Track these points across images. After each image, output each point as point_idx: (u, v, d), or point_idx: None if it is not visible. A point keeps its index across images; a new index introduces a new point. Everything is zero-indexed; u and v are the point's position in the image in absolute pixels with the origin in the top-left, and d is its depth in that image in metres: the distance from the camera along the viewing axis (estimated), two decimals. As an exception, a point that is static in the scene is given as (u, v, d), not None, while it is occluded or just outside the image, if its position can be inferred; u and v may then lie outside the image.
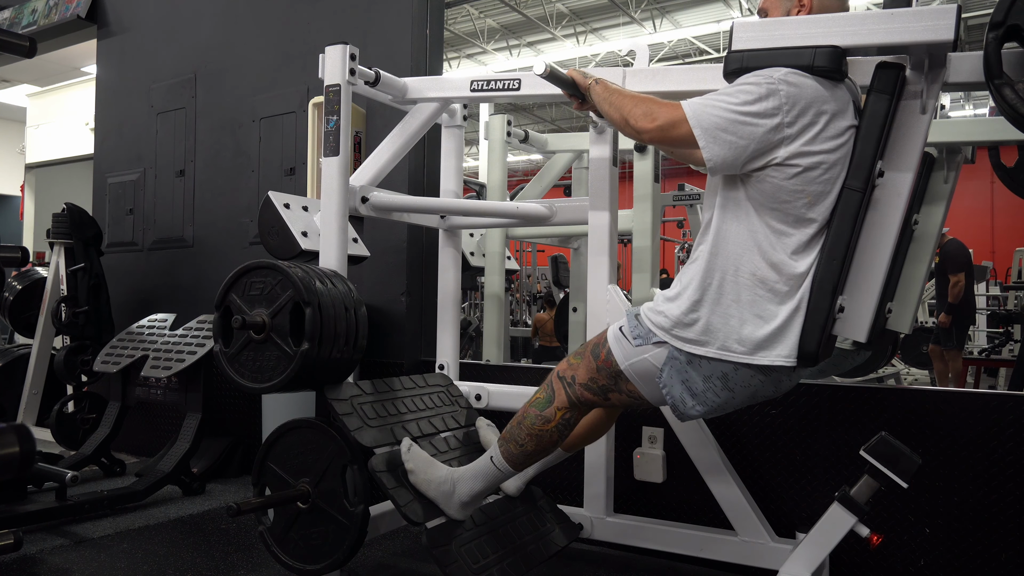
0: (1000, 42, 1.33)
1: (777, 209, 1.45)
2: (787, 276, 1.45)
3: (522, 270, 8.64)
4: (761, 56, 1.47)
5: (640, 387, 1.57)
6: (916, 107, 1.47)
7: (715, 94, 1.45)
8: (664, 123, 1.46)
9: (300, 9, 3.33)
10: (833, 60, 1.42)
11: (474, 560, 1.70)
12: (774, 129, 1.40)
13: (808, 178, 1.42)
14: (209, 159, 3.64)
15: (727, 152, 1.40)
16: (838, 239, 1.45)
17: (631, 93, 1.59)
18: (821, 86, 1.42)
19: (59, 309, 3.47)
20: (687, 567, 2.14)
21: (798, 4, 1.59)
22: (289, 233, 2.13)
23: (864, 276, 1.51)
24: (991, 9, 4.91)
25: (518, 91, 2.01)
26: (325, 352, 1.79)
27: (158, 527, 2.53)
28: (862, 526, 1.56)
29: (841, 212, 1.45)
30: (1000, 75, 1.33)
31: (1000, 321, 6.17)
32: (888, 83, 1.44)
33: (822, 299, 1.44)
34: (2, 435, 1.67)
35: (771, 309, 1.45)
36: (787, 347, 1.45)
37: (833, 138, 1.43)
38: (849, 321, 1.52)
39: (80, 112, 6.47)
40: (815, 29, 1.45)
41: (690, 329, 1.48)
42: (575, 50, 12.17)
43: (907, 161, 1.48)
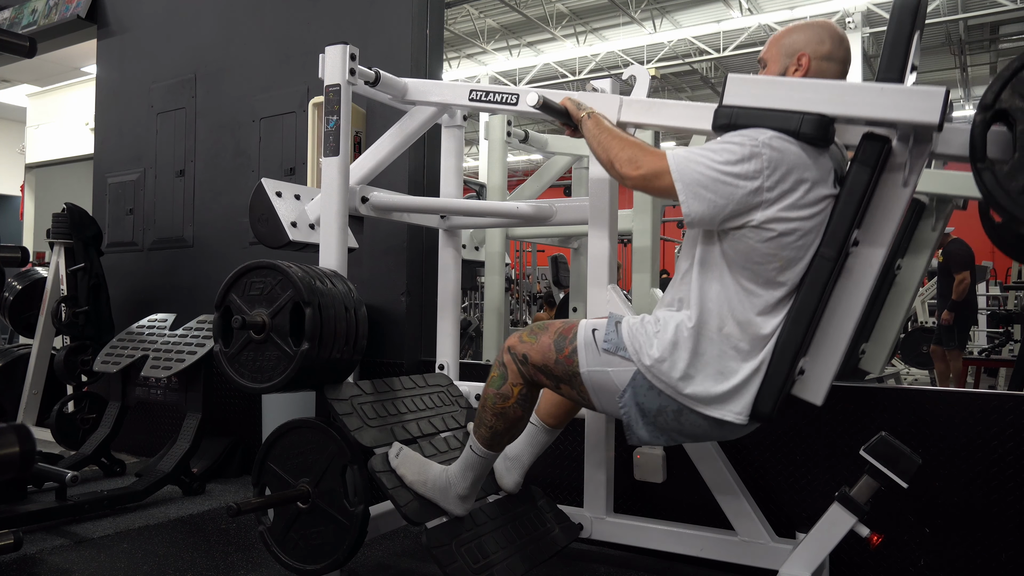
0: (987, 125, 1.34)
1: (749, 269, 1.47)
2: (752, 336, 1.47)
3: (522, 270, 8.64)
4: (750, 115, 1.48)
5: (593, 396, 1.59)
6: (898, 180, 1.48)
7: (700, 149, 1.46)
8: (648, 172, 1.49)
9: (300, 9, 3.33)
10: (819, 129, 1.42)
11: (474, 560, 1.70)
12: (753, 192, 1.41)
13: (782, 243, 1.44)
14: (209, 159, 3.64)
15: (706, 209, 1.42)
16: (805, 305, 1.46)
17: (620, 135, 1.61)
18: (805, 152, 1.43)
19: (59, 309, 3.47)
20: (687, 567, 2.14)
21: (796, 63, 1.58)
22: (278, 222, 2.13)
23: (829, 341, 1.54)
24: (991, 9, 4.96)
25: (515, 106, 2.00)
26: (325, 352, 1.79)
27: (158, 527, 2.53)
28: (862, 526, 1.56)
29: (812, 279, 1.46)
30: (983, 158, 1.34)
31: (1000, 321, 6.18)
32: (872, 155, 1.44)
33: (783, 362, 1.47)
34: (2, 435, 1.67)
35: (732, 366, 1.48)
36: (742, 404, 1.48)
37: (811, 206, 1.44)
38: (808, 384, 1.57)
39: (80, 112, 6.48)
40: (805, 94, 1.45)
41: (659, 364, 1.50)
42: (575, 50, 12.17)
43: (883, 233, 1.51)
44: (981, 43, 11.65)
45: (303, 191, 2.28)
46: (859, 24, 10.52)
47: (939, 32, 11.44)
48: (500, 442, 1.69)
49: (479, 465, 1.72)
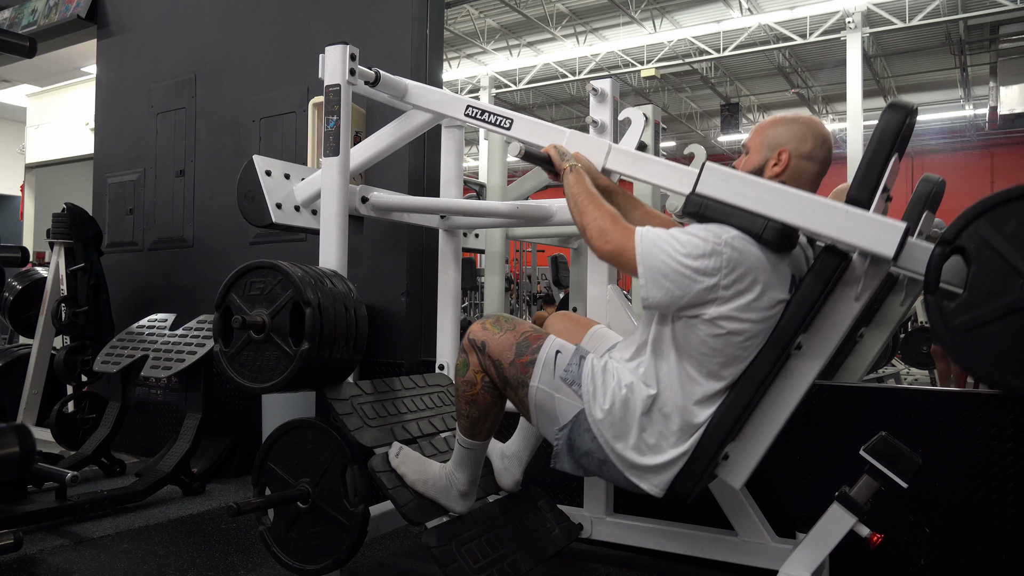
0: (944, 258, 1.37)
1: (695, 359, 1.51)
2: (686, 422, 1.52)
3: (522, 270, 8.64)
4: (718, 210, 1.50)
5: (532, 412, 1.61)
6: (851, 294, 1.51)
7: (667, 236, 1.48)
8: (615, 249, 1.54)
9: (300, 9, 3.33)
10: (780, 238, 1.44)
11: (474, 560, 1.70)
12: (710, 288, 1.44)
13: (729, 341, 1.47)
14: (209, 159, 3.64)
15: (663, 296, 1.46)
16: (739, 400, 1.50)
17: (597, 200, 1.64)
18: (765, 256, 1.45)
19: (59, 309, 3.47)
20: (687, 567, 2.13)
21: (776, 157, 1.59)
22: (263, 202, 2.12)
23: (757, 432, 1.59)
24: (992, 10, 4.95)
25: (508, 130, 2.01)
26: (325, 352, 1.80)
27: (158, 527, 2.53)
28: (862, 526, 1.56)
29: (749, 376, 1.50)
30: (933, 290, 1.37)
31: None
32: (829, 269, 1.46)
33: (709, 450, 1.51)
34: (2, 435, 1.67)
35: (663, 445, 1.53)
36: (662, 480, 1.54)
37: (763, 309, 1.46)
38: (731, 468, 1.61)
39: (80, 112, 6.47)
40: (775, 201, 1.46)
41: (602, 418, 1.54)
42: (575, 50, 12.17)
43: (827, 342, 1.54)
44: (981, 43, 11.65)
45: (293, 169, 2.26)
46: (859, 24, 10.53)
47: (939, 32, 11.45)
48: (481, 429, 1.68)
49: (470, 457, 1.72)
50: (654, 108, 2.55)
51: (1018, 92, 9.50)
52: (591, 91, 2.07)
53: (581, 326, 1.90)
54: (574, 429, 1.56)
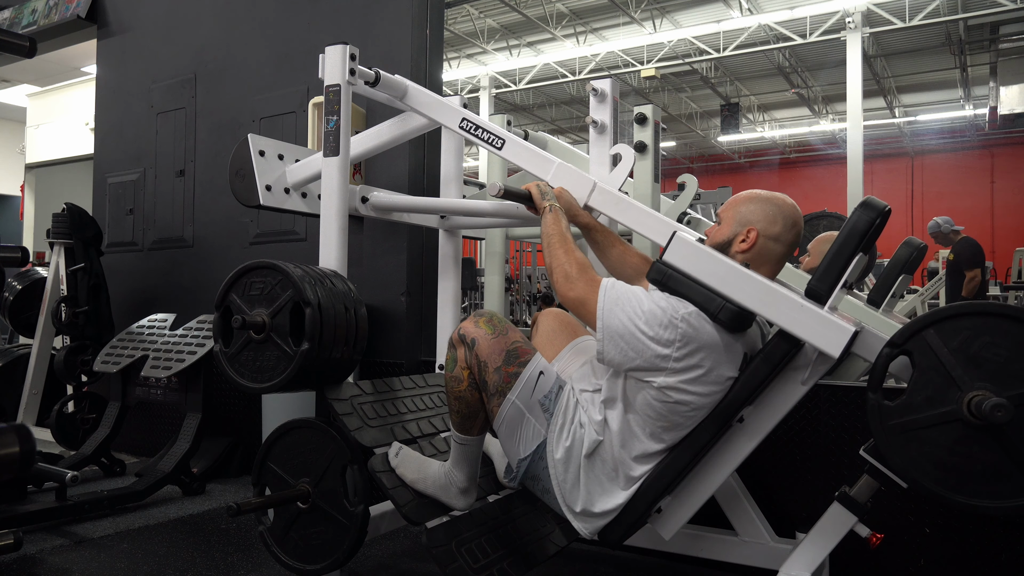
0: (891, 359, 1.40)
1: (640, 416, 1.54)
2: (625, 475, 1.57)
3: (522, 270, 8.64)
4: (680, 283, 1.52)
5: (499, 424, 1.63)
6: (799, 378, 1.55)
7: (630, 296, 1.52)
8: (577, 298, 1.58)
9: (300, 9, 3.33)
10: (736, 320, 1.48)
11: (474, 560, 1.69)
12: (662, 357, 1.47)
13: (674, 409, 1.51)
14: (209, 159, 3.64)
15: (616, 355, 1.50)
16: (675, 463, 1.54)
17: (569, 246, 1.68)
18: (719, 335, 1.48)
19: (59, 309, 3.47)
20: (687, 567, 2.14)
21: (745, 234, 1.61)
22: (253, 182, 2.12)
23: (692, 490, 1.64)
24: (991, 10, 4.93)
25: (499, 149, 2.01)
26: (325, 352, 1.79)
27: (158, 527, 2.53)
28: (862, 526, 1.57)
29: (689, 442, 1.54)
30: (876, 389, 1.40)
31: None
32: (779, 354, 1.49)
33: (641, 505, 1.56)
34: (2, 435, 1.67)
35: (601, 496, 1.58)
36: (595, 526, 1.61)
37: (710, 384, 1.50)
38: (663, 521, 1.68)
39: (80, 112, 6.47)
40: (736, 283, 1.48)
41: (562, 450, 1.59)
42: (575, 50, 12.17)
43: (769, 419, 1.58)
44: (981, 43, 11.65)
45: (288, 149, 2.25)
46: (859, 24, 10.52)
47: (939, 32, 11.45)
48: (472, 425, 1.69)
49: (465, 453, 1.72)
50: (654, 108, 2.54)
51: (1018, 92, 9.50)
52: (591, 91, 2.07)
53: (567, 332, 1.90)
54: (533, 458, 1.62)
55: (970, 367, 1.33)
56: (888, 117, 15.67)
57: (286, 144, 2.33)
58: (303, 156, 2.37)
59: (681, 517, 1.66)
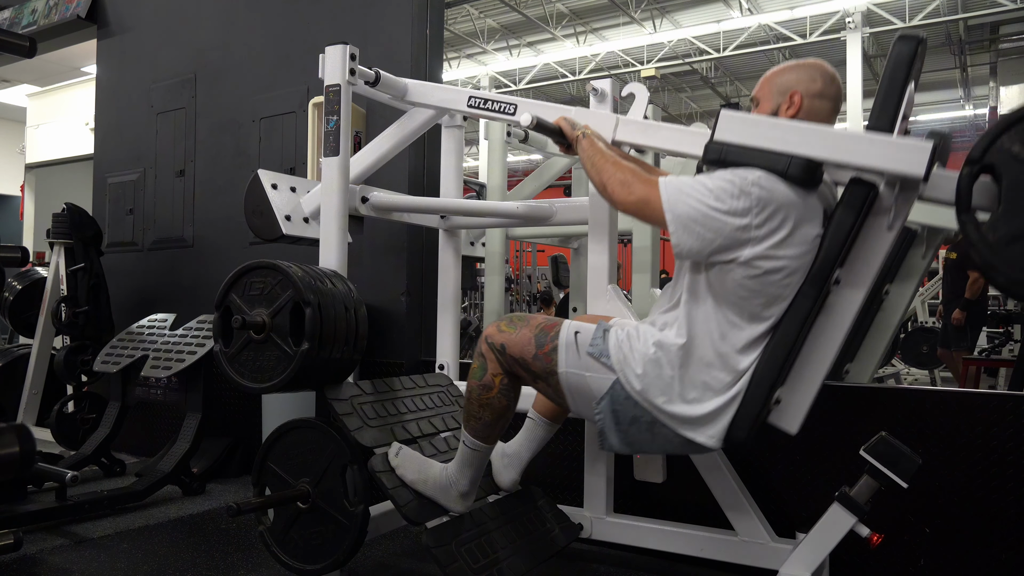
0: (973, 178, 1.36)
1: (734, 303, 1.49)
2: (731, 368, 1.50)
3: (522, 270, 8.64)
4: (740, 153, 1.48)
5: (568, 397, 1.60)
6: (884, 223, 1.49)
7: (692, 182, 1.47)
8: (638, 200, 1.52)
9: (300, 9, 3.33)
10: (806, 172, 1.43)
11: (474, 560, 1.70)
12: (741, 229, 1.43)
13: (767, 280, 1.46)
14: (209, 159, 3.64)
15: (694, 243, 1.45)
16: (783, 341, 1.49)
17: (614, 158, 1.63)
18: (793, 192, 1.44)
19: (59, 309, 3.46)
20: (687, 567, 2.13)
21: (788, 100, 1.59)
22: (272, 215, 2.12)
23: (806, 373, 1.56)
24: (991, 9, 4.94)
25: (513, 116, 2.00)
26: (325, 352, 1.79)
27: (158, 527, 2.53)
28: (862, 526, 1.56)
29: (792, 314, 1.48)
30: (967, 209, 1.36)
31: (1000, 321, 6.16)
32: (858, 200, 1.45)
33: (759, 393, 1.49)
34: (2, 435, 1.67)
35: (709, 395, 1.50)
36: (716, 430, 1.51)
37: (797, 245, 1.45)
38: (784, 412, 1.59)
39: (80, 112, 6.47)
40: (795, 137, 1.46)
41: (639, 378, 1.52)
42: (575, 50, 12.17)
43: (865, 275, 1.52)
44: (981, 43, 11.64)
45: (299, 183, 2.27)
46: (859, 24, 10.52)
47: (939, 32, 11.44)
48: (491, 433, 1.69)
49: (475, 459, 1.72)
50: (654, 108, 2.54)
51: (1018, 92, 9.47)
52: (591, 91, 2.07)
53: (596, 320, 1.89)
54: (613, 400, 1.54)
55: None
56: (888, 117, 15.63)
57: (295, 178, 2.35)
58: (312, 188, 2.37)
59: (800, 405, 1.57)
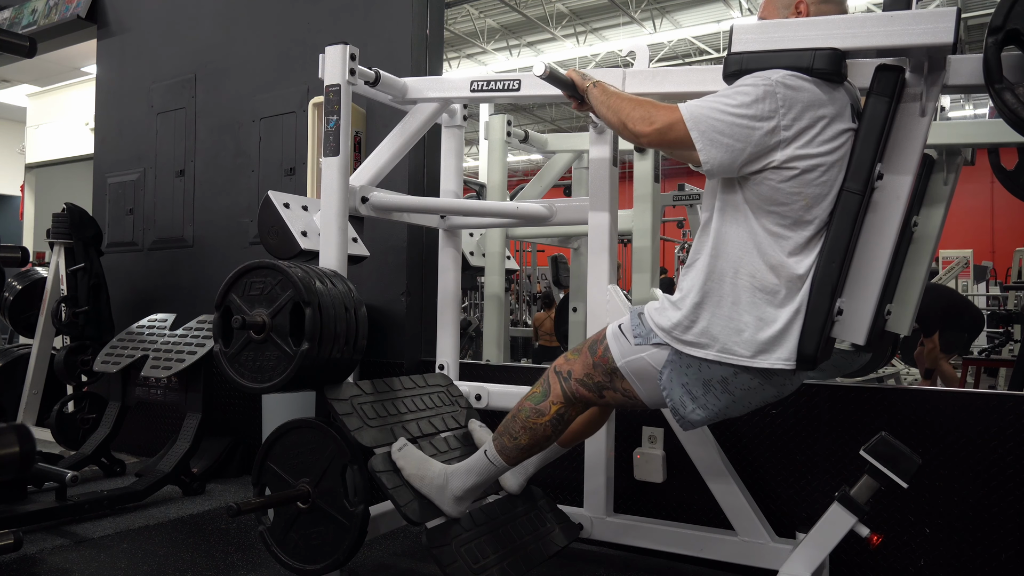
0: (999, 46, 1.33)
1: (775, 212, 1.43)
2: (786, 278, 1.43)
3: (522, 270, 8.64)
4: (760, 58, 1.46)
5: (636, 387, 1.56)
6: (916, 109, 1.47)
7: (713, 96, 1.44)
8: (662, 126, 1.46)
9: (300, 9, 3.33)
10: (832, 63, 1.41)
11: (474, 560, 1.70)
12: (771, 132, 1.39)
13: (805, 180, 1.41)
14: (209, 159, 3.64)
15: (724, 155, 1.40)
16: (837, 241, 1.43)
17: (629, 96, 1.59)
18: (819, 89, 1.41)
19: (59, 309, 3.47)
20: (687, 567, 2.13)
21: (795, 11, 1.58)
22: (289, 233, 2.13)
23: (863, 278, 1.50)
24: (991, 10, 4.92)
25: (518, 91, 2.01)
26: (325, 352, 1.79)
27: (158, 527, 2.53)
28: (862, 526, 1.56)
29: (840, 214, 1.43)
30: (1000, 79, 1.33)
31: (1000, 321, 6.16)
32: (887, 86, 1.43)
33: (821, 301, 1.43)
34: (2, 435, 1.67)
35: (771, 312, 1.43)
36: (787, 350, 1.43)
37: (830, 140, 1.41)
38: (848, 324, 1.51)
39: (80, 112, 6.47)
40: (814, 32, 1.44)
41: (690, 332, 1.47)
42: (575, 50, 12.16)
43: (907, 164, 1.47)
44: (981, 43, 11.63)
45: (310, 203, 2.28)
46: (859, 24, 10.50)
47: (939, 32, 11.42)
48: (518, 457, 1.68)
49: (486, 471, 1.71)
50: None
51: (1018, 92, 9.48)
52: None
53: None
54: (677, 371, 1.49)
55: None
56: (888, 117, 15.65)
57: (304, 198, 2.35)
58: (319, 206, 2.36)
59: (864, 314, 1.50)
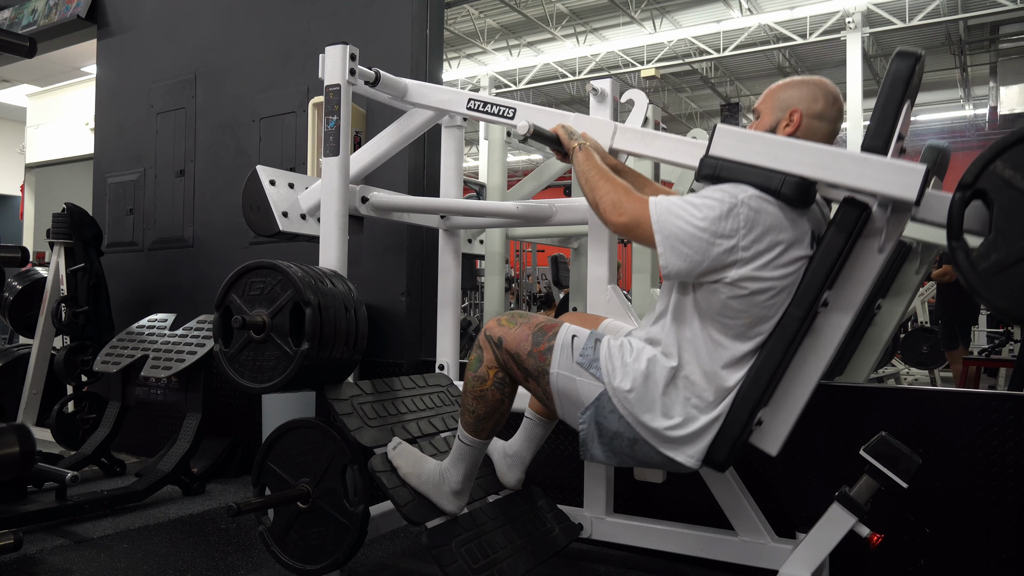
0: (965, 203, 1.35)
1: (720, 322, 1.50)
2: (716, 387, 1.51)
3: (522, 270, 8.64)
4: (733, 169, 1.48)
5: (556, 399, 1.60)
6: (874, 246, 1.49)
7: (681, 202, 1.48)
8: (629, 220, 1.53)
9: (300, 9, 3.33)
10: (799, 191, 1.43)
11: (474, 560, 1.70)
12: (729, 251, 1.43)
13: (754, 301, 1.46)
14: (209, 159, 3.64)
15: (682, 264, 1.45)
16: (769, 361, 1.49)
17: (608, 176, 1.63)
18: (783, 213, 1.44)
19: (59, 309, 3.47)
20: (687, 567, 2.14)
21: (788, 118, 1.59)
22: (270, 211, 2.13)
23: (789, 395, 1.57)
24: (991, 9, 4.96)
25: (511, 120, 2.00)
26: (325, 352, 1.80)
27: (158, 527, 2.53)
28: (862, 526, 1.56)
29: (778, 336, 1.48)
30: (958, 236, 1.35)
31: (1000, 321, 6.16)
32: (850, 221, 1.45)
33: (742, 414, 1.49)
34: (2, 435, 1.67)
35: (693, 413, 1.51)
36: (697, 450, 1.52)
37: (785, 266, 1.45)
38: (766, 434, 1.59)
39: (80, 112, 6.48)
40: (790, 155, 1.45)
41: (626, 393, 1.53)
42: (575, 50, 12.17)
43: (854, 296, 1.52)
44: (981, 43, 11.64)
45: (297, 179, 2.27)
46: (859, 24, 10.52)
47: (939, 32, 11.45)
48: (484, 427, 1.68)
49: (468, 455, 1.72)
50: (654, 108, 2.54)
51: (1018, 92, 9.49)
52: (591, 91, 2.07)
53: (592, 321, 1.90)
54: (599, 411, 1.55)
55: None
56: (888, 117, 15.64)
57: (293, 174, 2.35)
58: (311, 184, 2.37)
59: (782, 427, 1.58)
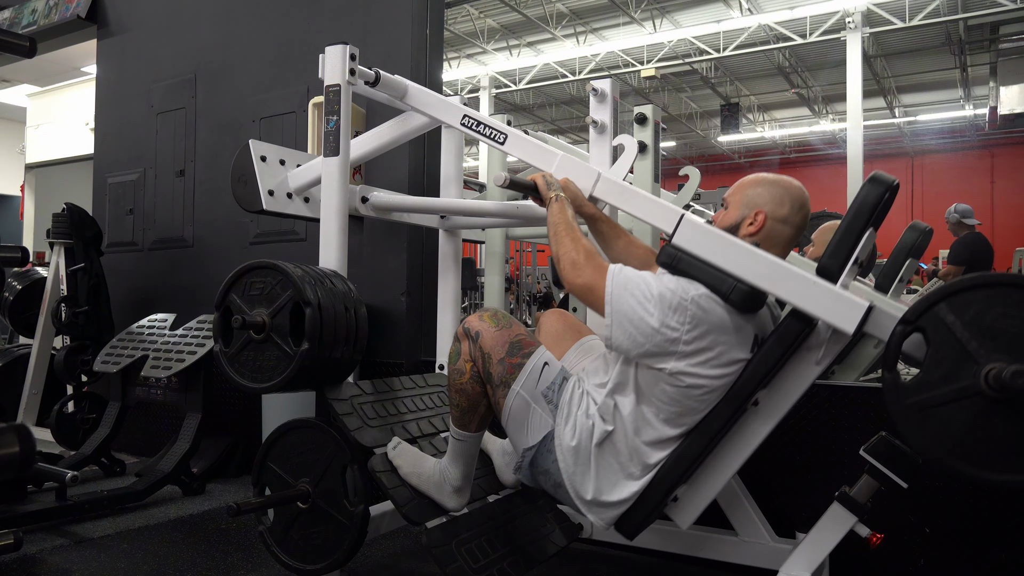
0: (903, 337, 1.37)
1: (654, 404, 1.53)
2: (641, 462, 1.55)
3: (522, 270, 8.64)
4: (691, 264, 1.51)
5: (506, 414, 1.63)
6: (813, 358, 1.53)
7: (638, 280, 1.50)
8: (584, 284, 1.55)
9: (300, 9, 3.33)
10: (746, 300, 1.46)
11: (474, 560, 1.70)
12: (671, 341, 1.46)
13: (688, 394, 1.49)
14: (209, 159, 3.64)
15: (625, 341, 1.48)
16: (690, 450, 1.53)
17: (575, 234, 1.65)
18: (729, 317, 1.47)
19: (59, 309, 3.46)
20: (687, 567, 2.13)
21: (753, 217, 1.61)
22: (256, 188, 2.13)
23: (708, 478, 1.61)
24: (991, 10, 4.94)
25: (501, 144, 2.00)
26: (325, 352, 1.80)
27: (158, 527, 2.53)
28: (862, 526, 1.56)
29: (704, 427, 1.52)
30: (891, 368, 1.37)
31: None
32: (791, 335, 1.48)
33: (659, 492, 1.55)
34: (2, 435, 1.67)
35: (615, 483, 1.56)
36: (610, 516, 1.58)
37: (723, 366, 1.48)
38: (680, 509, 1.64)
39: (80, 112, 6.47)
40: (746, 262, 1.48)
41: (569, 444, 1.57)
42: (575, 50, 12.17)
43: (784, 401, 1.56)
44: (981, 43, 11.65)
45: (289, 155, 2.26)
46: (859, 24, 10.52)
47: (939, 32, 11.45)
48: (471, 420, 1.69)
49: (462, 450, 1.73)
50: (654, 108, 2.54)
51: (1018, 92, 9.49)
52: (591, 91, 2.07)
53: (572, 332, 1.89)
54: (539, 450, 1.61)
55: (985, 340, 1.28)
56: (888, 117, 15.67)
57: (287, 149, 2.33)
58: (304, 161, 2.37)
59: (698, 505, 1.63)
